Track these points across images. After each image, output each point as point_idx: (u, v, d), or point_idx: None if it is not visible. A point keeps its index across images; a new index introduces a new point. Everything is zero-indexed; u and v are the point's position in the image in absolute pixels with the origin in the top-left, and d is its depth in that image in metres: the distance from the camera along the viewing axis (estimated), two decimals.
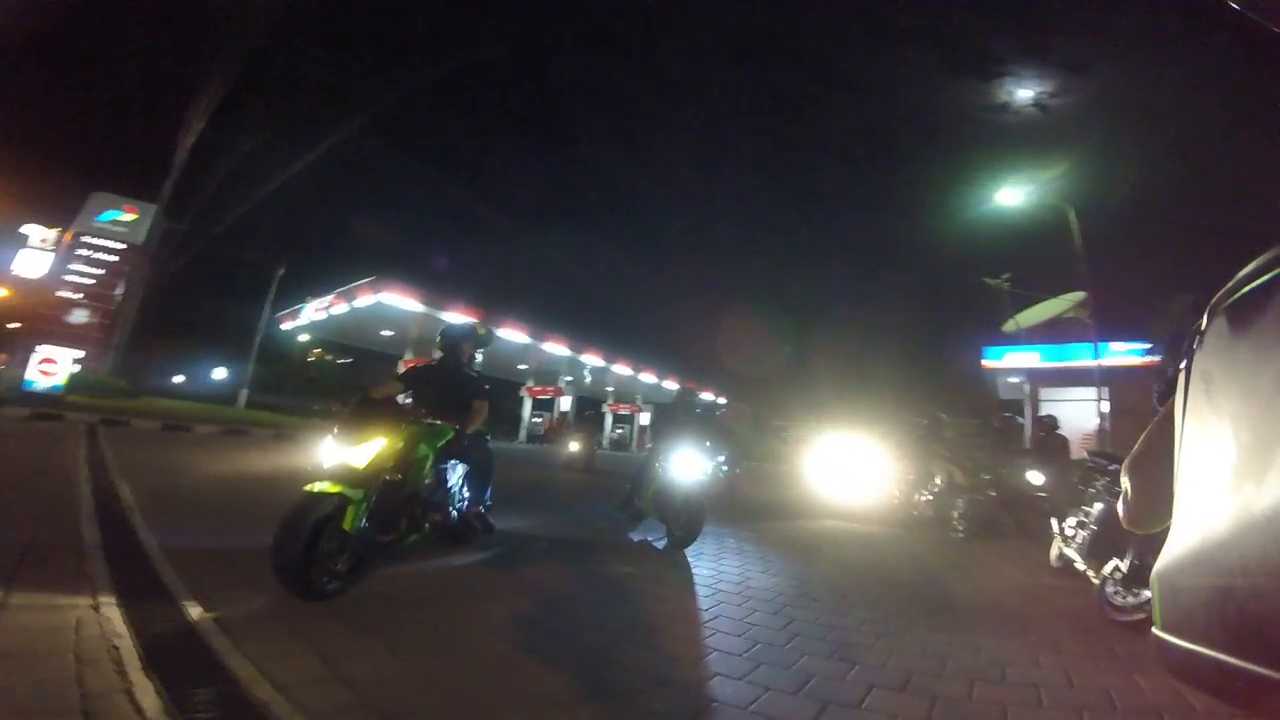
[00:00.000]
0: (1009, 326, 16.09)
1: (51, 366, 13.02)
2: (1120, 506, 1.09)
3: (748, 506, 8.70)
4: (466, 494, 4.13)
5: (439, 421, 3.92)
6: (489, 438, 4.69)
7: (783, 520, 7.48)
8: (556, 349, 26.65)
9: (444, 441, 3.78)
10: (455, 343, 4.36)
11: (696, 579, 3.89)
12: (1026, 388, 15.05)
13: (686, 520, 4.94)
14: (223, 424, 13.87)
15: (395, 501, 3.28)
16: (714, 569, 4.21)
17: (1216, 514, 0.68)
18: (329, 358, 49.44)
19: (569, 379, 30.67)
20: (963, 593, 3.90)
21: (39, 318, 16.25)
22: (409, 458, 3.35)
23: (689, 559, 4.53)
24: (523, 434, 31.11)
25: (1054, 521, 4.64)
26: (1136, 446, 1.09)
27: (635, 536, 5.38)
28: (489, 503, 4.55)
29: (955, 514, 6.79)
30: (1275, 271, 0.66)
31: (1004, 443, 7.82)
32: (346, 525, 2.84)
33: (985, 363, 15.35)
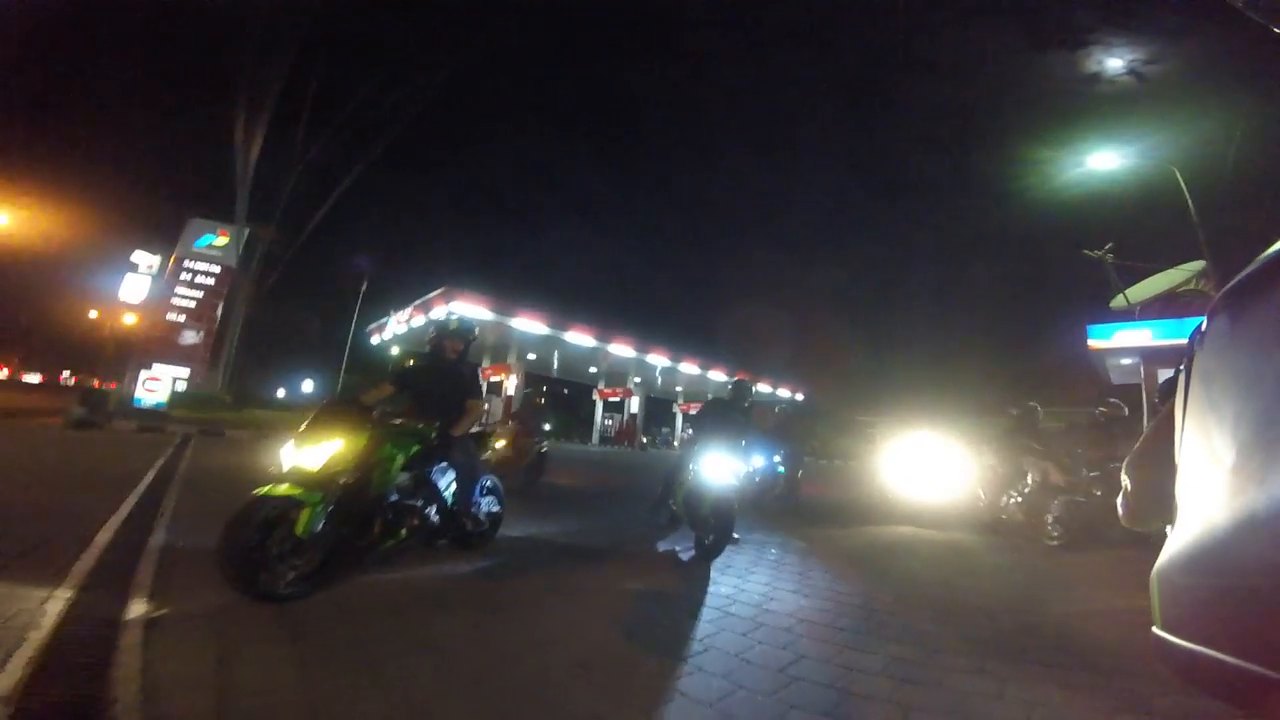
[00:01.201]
0: (1118, 303, 13.98)
1: (155, 384, 14.46)
2: (1120, 504, 1.09)
3: (809, 511, 7.97)
4: (464, 499, 3.87)
5: (421, 424, 3.73)
6: (547, 440, 4.56)
7: (845, 527, 6.72)
8: (623, 350, 26.52)
9: (420, 443, 3.56)
10: (442, 340, 4.12)
11: (709, 598, 3.38)
12: (1141, 370, 12.89)
13: (715, 527, 4.45)
14: None
15: (361, 505, 3.14)
16: (736, 586, 3.68)
17: (1216, 514, 0.68)
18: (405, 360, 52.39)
19: (638, 380, 30.50)
20: (1039, 622, 3.11)
21: (148, 339, 18.12)
22: (370, 460, 3.19)
23: (713, 573, 4.01)
24: (595, 436, 31.32)
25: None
26: (1137, 445, 1.13)
27: (663, 545, 4.92)
28: (493, 509, 4.29)
29: (1049, 518, 5.78)
30: (1275, 272, 0.68)
31: (1111, 435, 6.61)
32: (299, 529, 2.77)
33: (1092, 343, 13.32)
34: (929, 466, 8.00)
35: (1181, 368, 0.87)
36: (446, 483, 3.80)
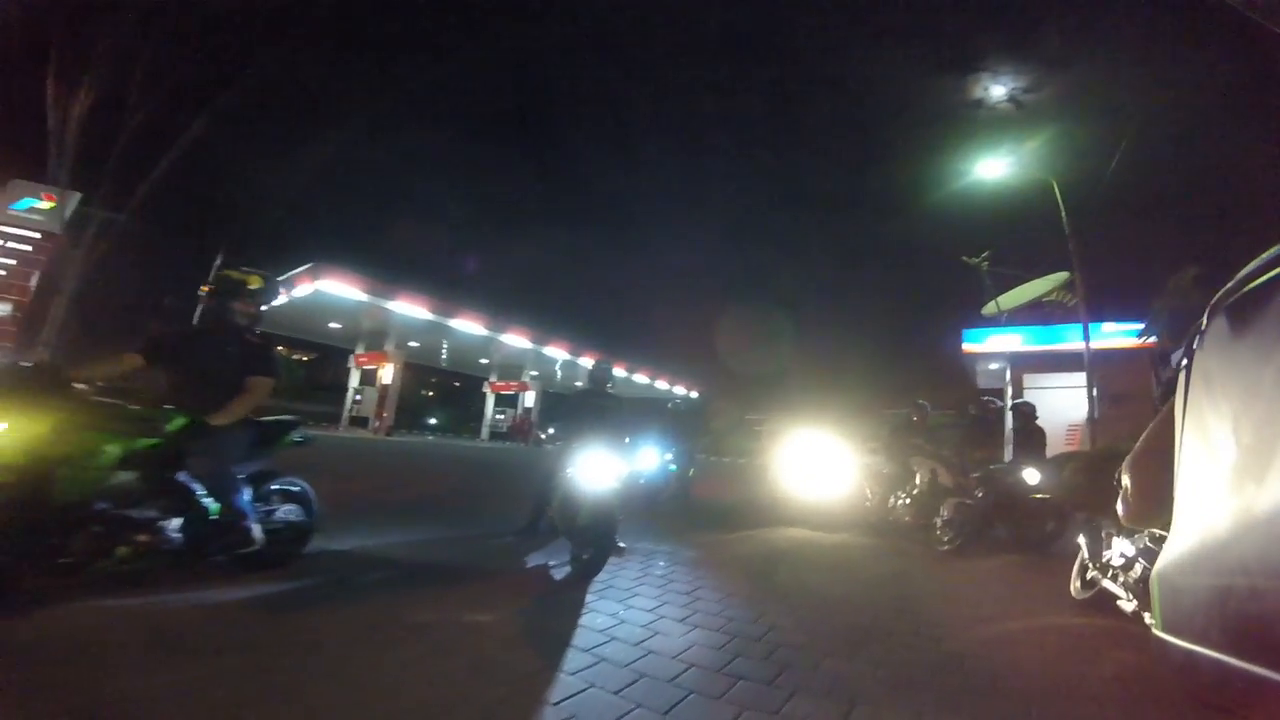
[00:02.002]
0: (989, 309, 15.18)
1: None
2: (1120, 505, 1.14)
3: (701, 513, 7.53)
4: (226, 508, 2.90)
5: (171, 408, 2.75)
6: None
7: (737, 530, 6.30)
8: (518, 341, 25.22)
9: (158, 434, 2.59)
10: (224, 298, 3.12)
11: (580, 636, 2.66)
12: (1008, 374, 14.06)
13: (593, 540, 3.75)
14: None
15: (36, 514, 2.25)
16: (615, 615, 2.99)
17: (1216, 514, 0.70)
18: (287, 353, 47.52)
19: (535, 373, 29.27)
20: (962, 650, 2.71)
21: None
22: (49, 452, 2.27)
23: (588, 597, 3.30)
24: (485, 432, 29.66)
25: (1083, 541, 3.51)
26: (1137, 445, 1.19)
27: (533, 561, 4.14)
28: (294, 518, 3.33)
29: (939, 520, 5.69)
30: (1275, 271, 0.68)
31: (985, 434, 6.72)
32: None
33: (966, 347, 14.36)
34: (817, 466, 7.86)
35: (1182, 368, 0.85)
36: (211, 485, 2.86)
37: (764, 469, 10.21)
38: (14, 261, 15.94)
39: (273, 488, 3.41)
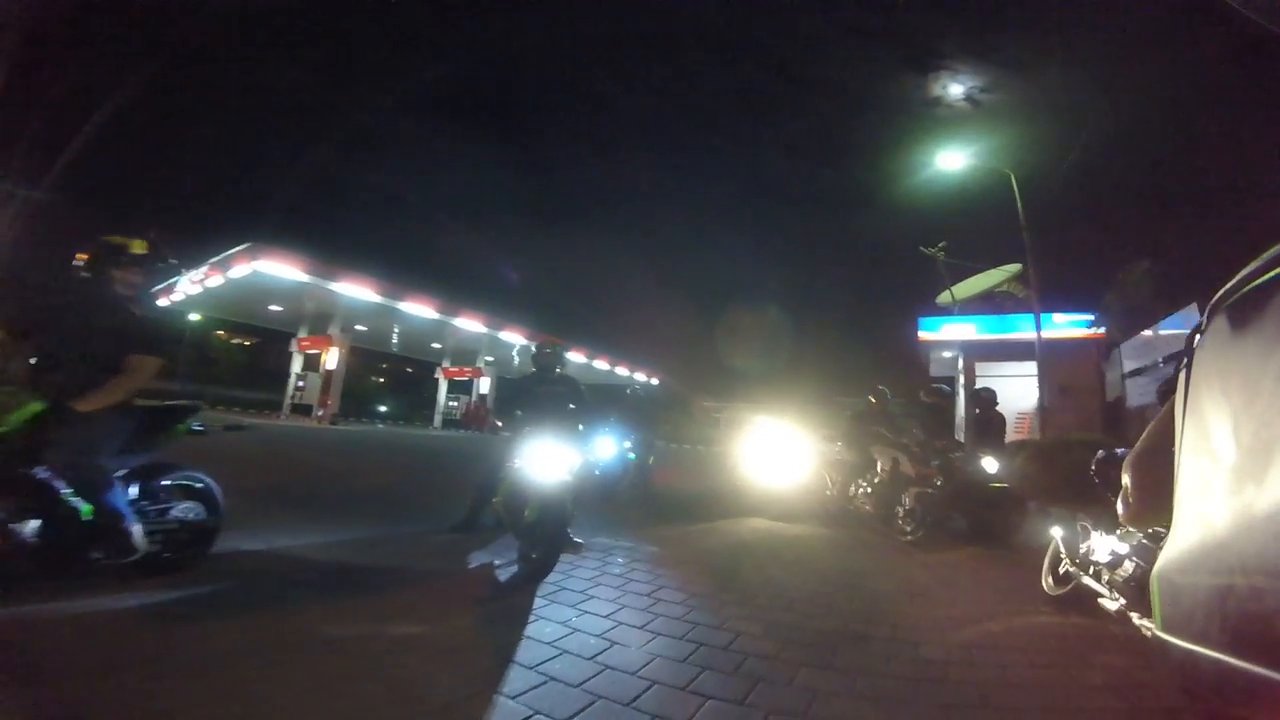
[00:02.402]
0: (943, 299, 15.45)
1: None
2: (1120, 504, 1.07)
3: (661, 503, 7.28)
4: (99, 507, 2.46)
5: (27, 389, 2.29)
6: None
7: (698, 522, 6.07)
8: (472, 325, 24.41)
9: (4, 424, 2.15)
10: (103, 264, 2.67)
11: (526, 649, 2.35)
12: (960, 362, 14.34)
13: (542, 537, 3.42)
14: None
15: None
16: (567, 623, 2.68)
17: (1216, 513, 0.68)
18: (227, 337, 44.96)
19: (490, 359, 28.48)
20: (943, 658, 2.50)
21: None
22: None
23: (537, 601, 2.98)
24: (438, 419, 28.73)
25: (1057, 532, 3.40)
26: (1137, 444, 1.10)
27: (476, 561, 3.78)
28: (192, 516, 2.90)
29: (900, 510, 5.60)
30: (1275, 271, 0.66)
31: (935, 420, 6.68)
32: None
33: (922, 335, 14.56)
34: (777, 454, 7.75)
35: (1181, 367, 0.85)
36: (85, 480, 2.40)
37: (724, 457, 10.08)
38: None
39: (165, 483, 2.95)
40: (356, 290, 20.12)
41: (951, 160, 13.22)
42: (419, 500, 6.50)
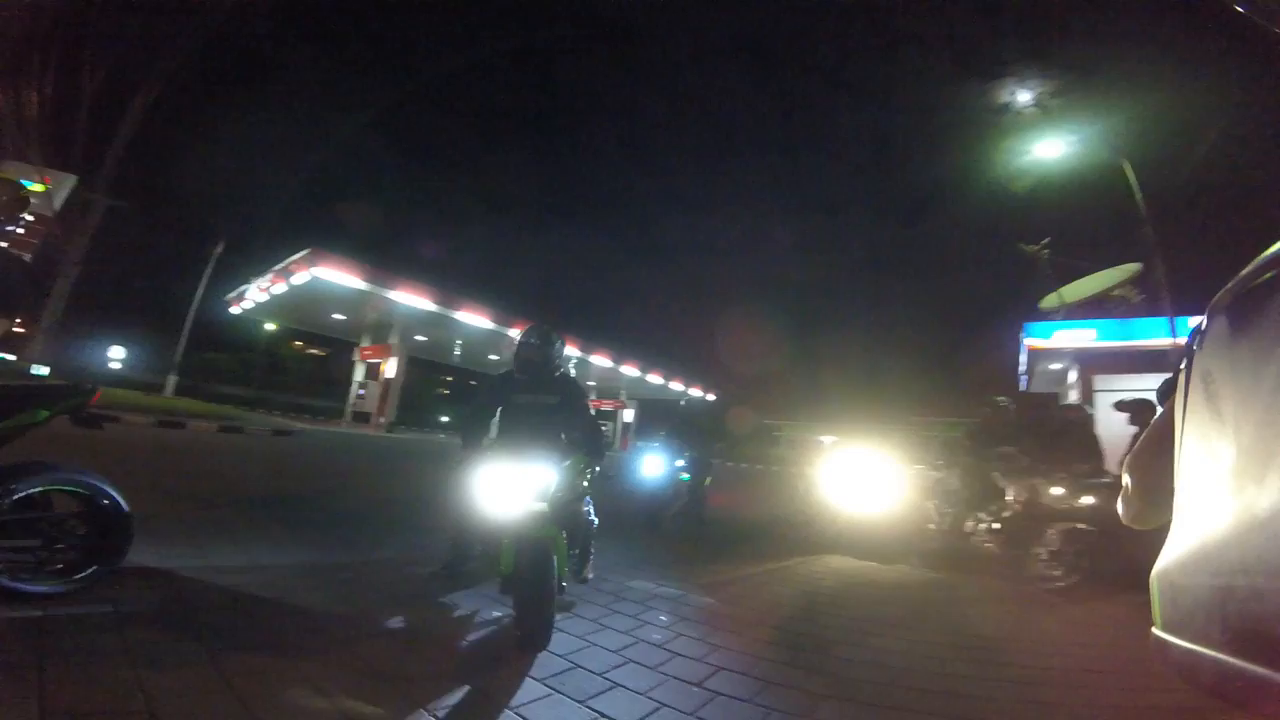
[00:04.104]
0: (1049, 303, 13.44)
1: None
2: (1120, 504, 1.08)
3: (719, 534, 6.11)
4: None
5: None
6: None
7: (765, 560, 4.86)
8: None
9: None
10: None
11: None
12: (1072, 374, 12.19)
13: (520, 597, 2.30)
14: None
15: None
16: None
17: (1216, 513, 0.68)
18: (301, 348, 47.15)
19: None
20: None
21: None
22: None
23: (526, 694, 1.91)
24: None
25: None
26: (1137, 445, 1.11)
27: (461, 610, 2.76)
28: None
29: (1043, 551, 4.20)
30: (1274, 272, 0.67)
31: (1075, 440, 5.16)
32: None
33: (1030, 342, 12.55)
34: (860, 479, 6.42)
35: (1181, 368, 0.85)
36: None
37: (793, 479, 8.78)
38: (5, 244, 15.18)
39: (24, 492, 2.12)
40: (412, 298, 20.03)
41: (1050, 149, 11.49)
42: (428, 520, 5.60)
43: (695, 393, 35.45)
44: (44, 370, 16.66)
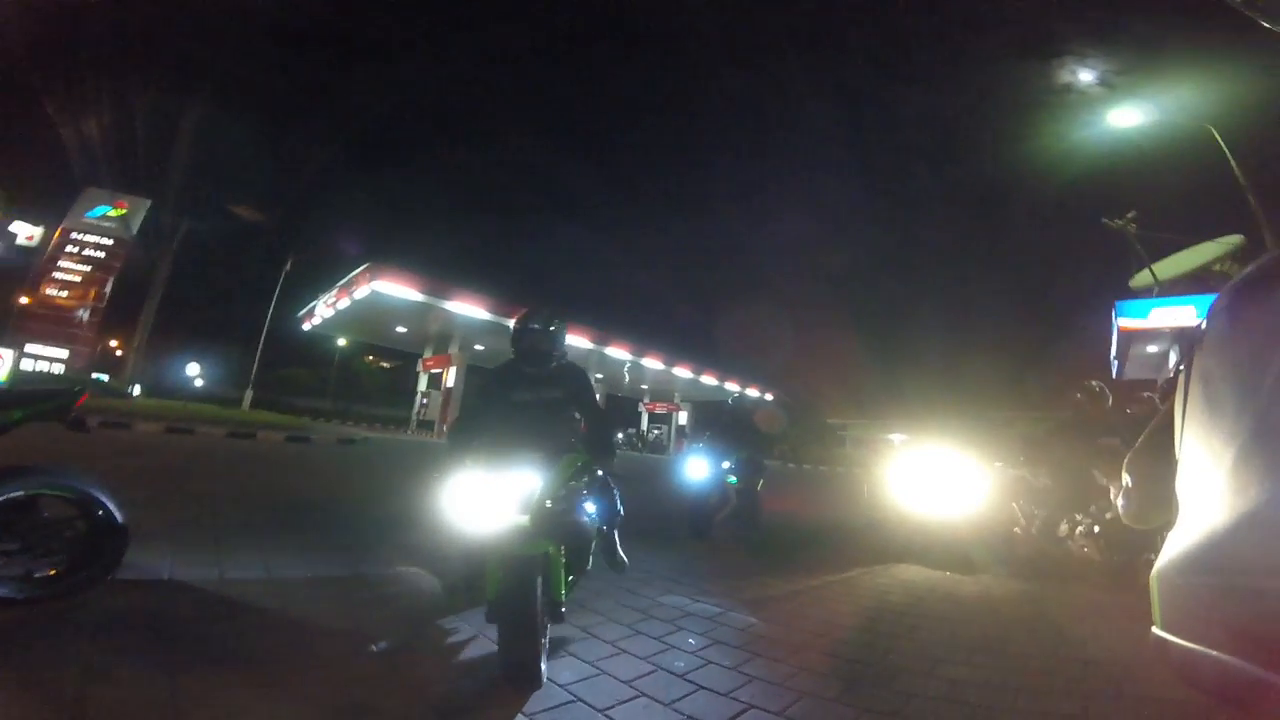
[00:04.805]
0: (1141, 280, 11.99)
1: None
2: (1120, 504, 1.14)
3: (772, 542, 5.63)
4: None
5: None
6: None
7: (824, 571, 4.37)
8: (578, 341, 23.97)
9: None
10: None
11: None
12: (1174, 356, 10.63)
13: (500, 626, 1.93)
14: (166, 421, 11.91)
15: None
16: None
17: (1216, 513, 0.68)
18: (374, 361, 49.59)
19: (599, 376, 28.00)
20: None
21: (21, 315, 15.19)
22: None
23: None
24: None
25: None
26: (1138, 444, 1.16)
27: (456, 636, 2.48)
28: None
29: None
30: (1274, 273, 0.70)
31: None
32: None
33: (1123, 324, 11.13)
34: (933, 479, 5.80)
35: (1181, 367, 0.85)
36: None
37: (858, 482, 8.17)
38: (89, 267, 16.61)
39: (4, 495, 2.03)
40: (468, 308, 20.44)
41: (1125, 119, 10.32)
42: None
43: (753, 393, 34.55)
44: (137, 390, 18.09)
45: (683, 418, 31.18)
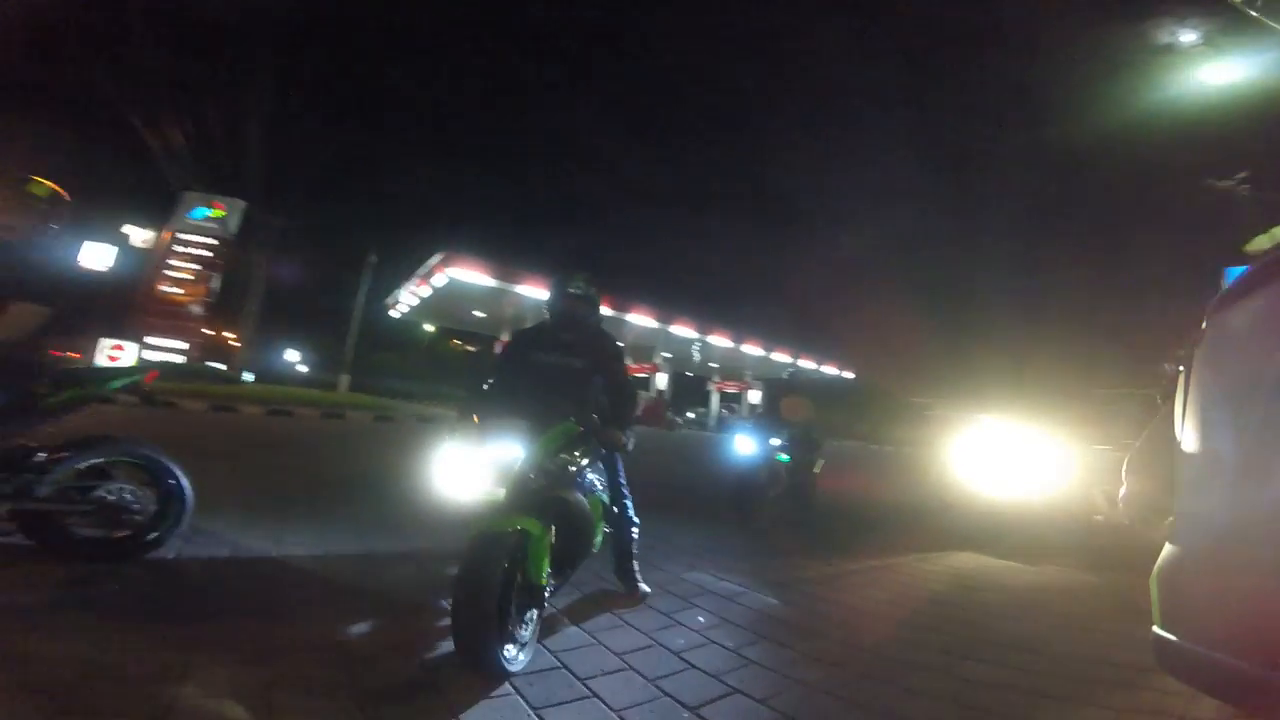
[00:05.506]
0: (1257, 244, 10.37)
1: (119, 353, 13.18)
2: (1121, 503, 1.14)
3: (823, 523, 5.46)
4: None
5: None
6: None
7: (868, 556, 4.17)
8: (644, 320, 24.01)
9: None
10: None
11: None
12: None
13: (453, 602, 1.79)
14: (268, 404, 13.16)
15: None
16: None
17: (1217, 513, 0.70)
18: (460, 345, 52.32)
19: (667, 355, 28.03)
20: None
21: (141, 312, 17.15)
22: None
23: (488, 704, 1.63)
24: None
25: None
26: (1137, 444, 1.19)
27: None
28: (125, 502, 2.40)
29: None
30: (1274, 273, 0.70)
31: None
32: None
33: None
34: (1007, 462, 5.41)
35: (1181, 368, 0.85)
36: None
37: (925, 462, 7.72)
38: (197, 266, 18.48)
39: (87, 461, 2.32)
40: (537, 292, 20.98)
41: (1223, 74, 8.95)
42: None
43: (831, 370, 33.31)
44: (250, 377, 20.08)
45: (754, 396, 30.64)
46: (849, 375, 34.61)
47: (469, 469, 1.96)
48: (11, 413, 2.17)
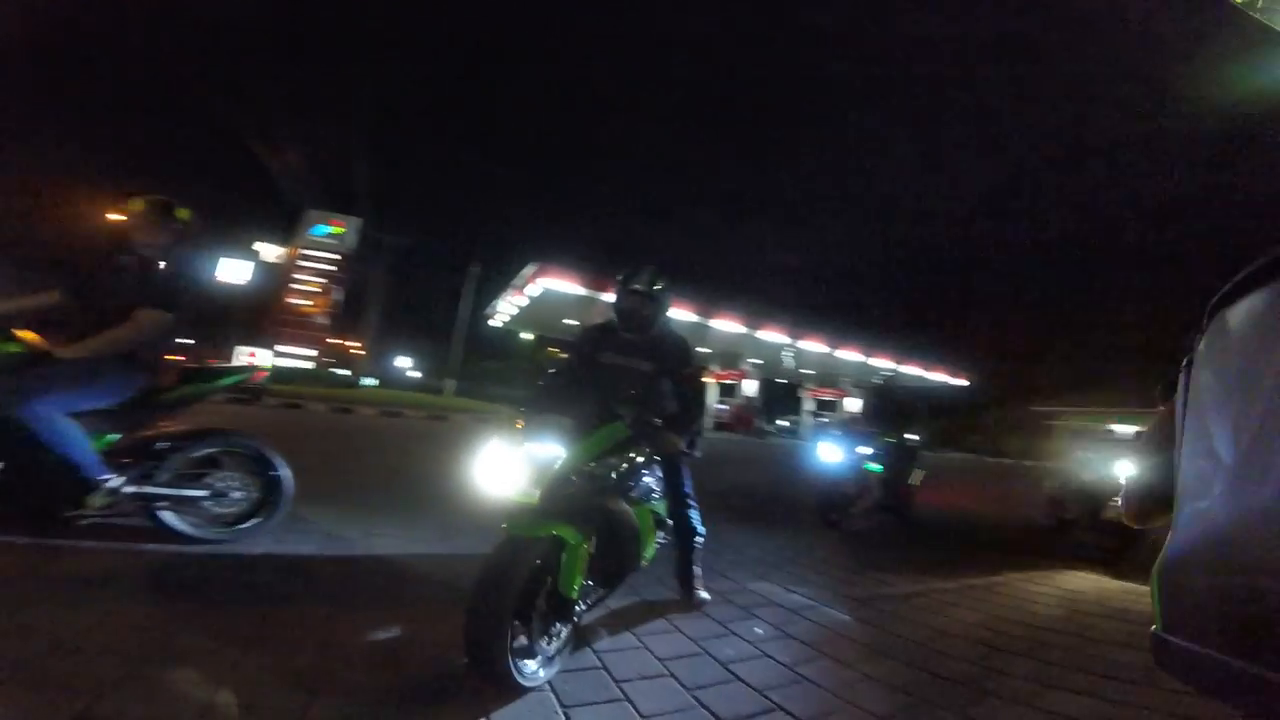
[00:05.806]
0: None
1: (252, 359, 14.99)
2: (1121, 502, 1.08)
3: (919, 536, 5.06)
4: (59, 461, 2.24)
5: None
6: None
7: (964, 574, 3.79)
8: (730, 326, 23.61)
9: None
10: (129, 228, 2.62)
11: None
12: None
13: (468, 607, 1.64)
14: (381, 406, 14.36)
15: None
16: None
17: (1217, 513, 0.68)
18: (555, 352, 54.43)
19: (757, 361, 27.37)
20: None
21: (272, 321, 19.35)
22: None
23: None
24: (709, 422, 28.66)
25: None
26: (1140, 442, 1.09)
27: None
28: (226, 488, 2.72)
29: None
30: (1274, 272, 0.67)
31: None
32: None
33: None
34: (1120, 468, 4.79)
35: (1182, 367, 0.83)
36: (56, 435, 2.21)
37: (1044, 476, 6.98)
38: (323, 279, 20.55)
39: (200, 451, 2.65)
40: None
41: None
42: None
43: (942, 377, 31.01)
44: (374, 381, 22.07)
45: (851, 404, 29.16)
46: (961, 382, 32.00)
47: (510, 467, 1.91)
48: (136, 407, 2.50)
